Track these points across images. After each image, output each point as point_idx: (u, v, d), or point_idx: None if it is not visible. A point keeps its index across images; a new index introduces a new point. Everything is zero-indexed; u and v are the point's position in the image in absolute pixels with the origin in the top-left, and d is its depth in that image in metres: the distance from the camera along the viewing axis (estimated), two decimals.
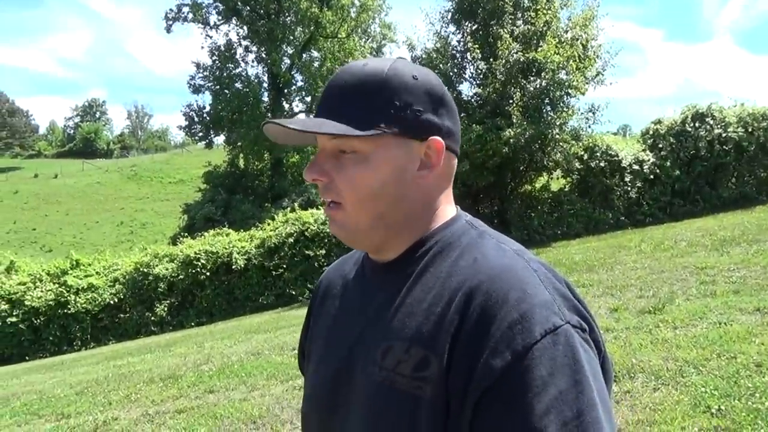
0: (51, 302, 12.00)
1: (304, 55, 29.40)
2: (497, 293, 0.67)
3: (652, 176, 12.66)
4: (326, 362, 0.83)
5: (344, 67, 0.78)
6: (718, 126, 12.44)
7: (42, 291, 12.17)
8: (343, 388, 0.78)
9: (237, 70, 29.10)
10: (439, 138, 0.76)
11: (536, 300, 0.66)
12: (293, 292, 12.34)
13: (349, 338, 0.80)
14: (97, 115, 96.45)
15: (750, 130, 12.34)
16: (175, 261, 12.68)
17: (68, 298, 12.10)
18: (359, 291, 0.85)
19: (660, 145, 12.84)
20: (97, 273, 12.87)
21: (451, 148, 0.79)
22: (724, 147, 12.37)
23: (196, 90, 28.87)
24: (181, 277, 12.44)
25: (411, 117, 0.75)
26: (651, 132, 13.27)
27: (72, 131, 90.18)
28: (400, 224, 0.78)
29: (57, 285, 12.31)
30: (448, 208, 0.81)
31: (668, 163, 12.60)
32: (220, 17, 29.19)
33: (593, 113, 12.46)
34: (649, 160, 12.68)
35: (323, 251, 12.45)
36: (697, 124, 12.66)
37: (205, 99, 42.39)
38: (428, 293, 0.73)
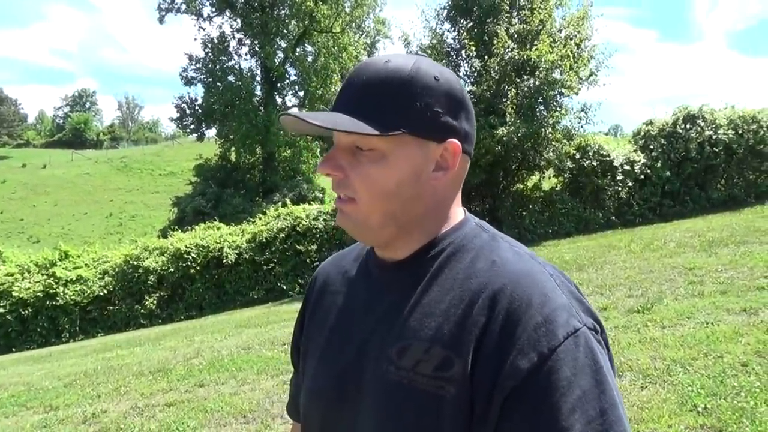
0: (39, 293, 11.90)
1: (298, 49, 29.23)
2: (521, 297, 0.68)
3: (642, 177, 12.74)
4: (331, 359, 0.82)
5: (365, 62, 0.77)
6: (709, 128, 12.54)
7: (30, 282, 12.06)
8: (350, 385, 0.78)
9: (230, 63, 28.87)
10: (456, 141, 0.76)
11: (557, 304, 0.68)
12: (284, 287, 12.33)
13: (356, 336, 0.80)
14: (87, 106, 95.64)
15: (740, 132, 12.45)
16: (166, 254, 12.61)
17: (57, 289, 12.00)
18: (365, 289, 0.84)
19: (651, 146, 12.91)
20: (86, 265, 12.78)
21: (467, 150, 0.79)
22: (714, 149, 12.46)
23: (189, 82, 28.65)
24: (171, 270, 12.38)
25: (431, 119, 0.74)
26: (642, 133, 13.35)
27: (61, 121, 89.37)
28: (411, 224, 0.78)
29: (45, 276, 12.20)
30: (458, 210, 0.82)
31: (659, 164, 12.69)
32: (213, 9, 28.96)
33: (586, 113, 12.53)
34: (640, 161, 12.76)
35: (315, 246, 12.45)
36: (687, 126, 12.75)
37: (197, 91, 42.23)
38: (446, 294, 0.74)
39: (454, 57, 13.15)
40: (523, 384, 0.64)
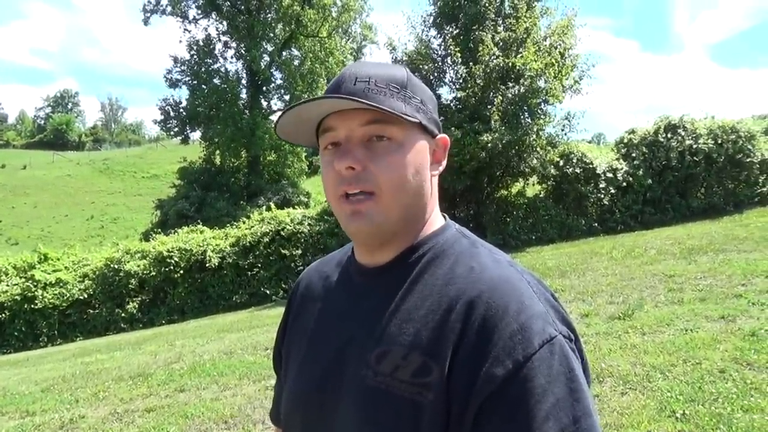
0: (17, 297, 11.69)
1: (284, 53, 29.18)
2: (497, 304, 0.69)
3: (624, 184, 12.90)
4: (311, 363, 0.83)
5: (360, 62, 0.81)
6: (690, 137, 12.75)
7: (8, 285, 11.85)
8: (330, 389, 0.78)
9: (215, 66, 28.72)
10: (446, 136, 0.82)
11: (533, 311, 0.68)
12: (267, 292, 12.25)
13: (336, 340, 0.80)
14: (69, 106, 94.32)
15: (719, 142, 12.67)
16: (148, 258, 12.47)
17: (35, 292, 11.80)
18: (345, 294, 0.85)
19: (633, 155, 13.09)
20: (65, 268, 12.59)
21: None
22: (695, 158, 12.67)
23: (173, 84, 28.40)
24: (153, 274, 12.24)
25: (428, 114, 0.80)
26: (625, 141, 13.53)
27: (42, 122, 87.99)
28: (413, 219, 0.80)
29: (24, 279, 12.00)
30: (438, 214, 0.84)
31: (641, 172, 12.86)
32: (199, 11, 28.81)
33: (569, 121, 12.66)
34: (622, 169, 12.92)
35: (299, 251, 12.40)
36: (669, 135, 12.96)
37: (182, 94, 41.83)
38: (425, 300, 0.74)
39: (440, 63, 13.22)
40: (499, 391, 0.64)
